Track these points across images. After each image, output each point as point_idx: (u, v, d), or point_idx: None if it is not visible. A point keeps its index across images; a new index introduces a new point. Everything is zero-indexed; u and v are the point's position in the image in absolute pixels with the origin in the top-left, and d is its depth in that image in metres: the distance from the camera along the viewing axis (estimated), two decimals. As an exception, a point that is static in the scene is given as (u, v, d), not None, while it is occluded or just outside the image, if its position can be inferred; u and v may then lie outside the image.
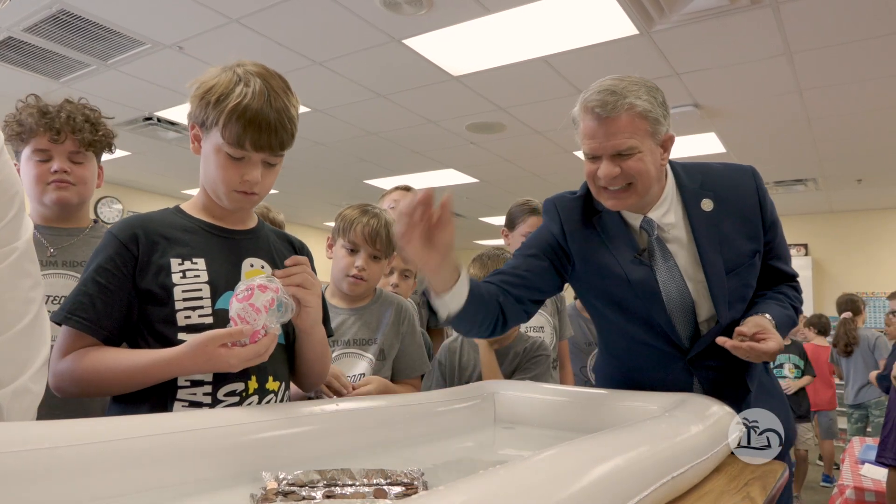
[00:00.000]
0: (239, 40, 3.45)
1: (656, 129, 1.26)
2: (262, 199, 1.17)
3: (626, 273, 1.35)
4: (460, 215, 8.43)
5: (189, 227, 1.13)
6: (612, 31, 3.27)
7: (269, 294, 0.97)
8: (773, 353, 1.22)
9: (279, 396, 1.14)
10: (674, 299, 1.34)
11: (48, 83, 4.12)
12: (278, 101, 1.07)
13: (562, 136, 5.06)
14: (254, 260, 1.16)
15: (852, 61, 3.54)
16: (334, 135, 5.15)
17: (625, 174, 1.25)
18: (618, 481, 0.73)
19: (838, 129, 4.72)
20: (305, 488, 0.76)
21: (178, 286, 1.05)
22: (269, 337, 0.99)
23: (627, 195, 1.29)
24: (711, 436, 1.06)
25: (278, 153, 1.11)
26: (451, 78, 3.94)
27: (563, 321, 2.23)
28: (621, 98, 1.22)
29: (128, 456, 0.76)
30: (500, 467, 0.65)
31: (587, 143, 1.28)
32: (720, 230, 1.33)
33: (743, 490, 1.01)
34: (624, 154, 1.24)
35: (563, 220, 1.43)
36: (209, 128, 1.08)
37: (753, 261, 1.35)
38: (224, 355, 0.96)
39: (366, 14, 3.16)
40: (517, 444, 1.33)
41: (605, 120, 1.23)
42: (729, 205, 1.35)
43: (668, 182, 1.37)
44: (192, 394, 1.03)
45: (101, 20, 3.27)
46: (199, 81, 1.09)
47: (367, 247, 1.52)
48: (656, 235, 1.35)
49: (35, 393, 0.81)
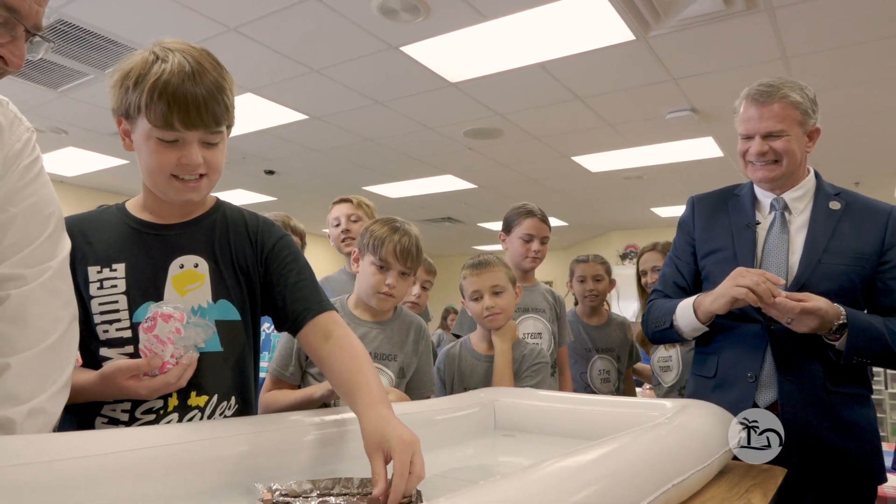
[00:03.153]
0: (237, 49, 3.46)
1: (805, 120, 1.47)
2: (213, 184, 1.05)
3: (733, 238, 1.51)
4: (458, 220, 8.43)
5: (117, 227, 1.06)
6: (608, 36, 3.27)
7: (174, 324, 0.92)
8: (812, 310, 1.27)
9: (207, 412, 1.05)
10: (771, 267, 1.44)
11: (46, 93, 4.13)
12: (204, 73, 0.97)
13: (559, 141, 5.07)
14: (185, 259, 1.06)
15: (848, 65, 3.55)
16: (332, 141, 5.15)
17: (773, 151, 1.45)
18: (618, 490, 0.73)
19: (835, 132, 4.73)
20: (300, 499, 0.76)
21: (95, 298, 1.01)
22: (180, 366, 0.95)
23: (773, 168, 1.47)
24: (712, 442, 1.06)
25: (214, 129, 0.99)
26: (449, 84, 3.95)
27: (562, 327, 2.23)
28: (777, 90, 1.45)
29: (121, 469, 0.76)
30: (501, 478, 0.65)
31: (744, 125, 1.50)
32: (838, 224, 1.45)
33: (744, 497, 1.01)
34: (774, 135, 1.45)
35: (696, 209, 1.65)
36: (134, 116, 0.98)
37: (860, 257, 1.41)
38: (133, 387, 0.93)
39: (363, 21, 3.17)
40: (517, 451, 1.32)
41: (762, 105, 1.45)
42: (855, 214, 1.47)
43: (808, 177, 1.54)
44: (112, 410, 1.00)
45: (99, 30, 3.28)
46: (116, 69, 0.99)
47: (397, 265, 1.50)
48: (781, 211, 1.50)
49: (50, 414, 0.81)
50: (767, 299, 1.28)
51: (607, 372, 2.61)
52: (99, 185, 6.65)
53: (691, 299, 1.47)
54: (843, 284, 1.39)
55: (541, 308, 2.09)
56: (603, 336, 2.63)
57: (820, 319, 1.28)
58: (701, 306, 1.43)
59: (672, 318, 1.50)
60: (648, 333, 1.63)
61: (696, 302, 1.45)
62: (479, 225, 8.67)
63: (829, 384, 1.38)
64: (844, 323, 1.31)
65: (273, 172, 6.10)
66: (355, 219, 2.35)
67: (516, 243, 2.20)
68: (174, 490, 0.80)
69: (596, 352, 2.61)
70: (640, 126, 4.61)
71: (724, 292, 1.35)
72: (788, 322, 1.31)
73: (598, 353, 2.61)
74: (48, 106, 4.41)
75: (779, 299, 1.27)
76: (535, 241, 2.18)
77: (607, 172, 5.91)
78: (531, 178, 6.22)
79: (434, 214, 8.14)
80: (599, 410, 1.35)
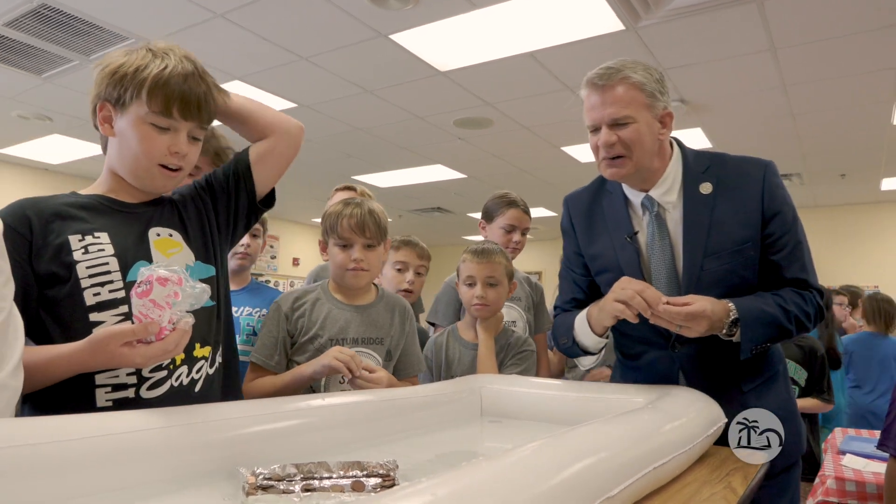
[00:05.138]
0: (224, 35, 3.43)
1: (653, 103, 1.32)
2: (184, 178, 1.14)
3: (616, 253, 1.41)
4: (448, 211, 8.43)
5: (86, 204, 1.08)
6: (598, 26, 3.28)
7: (171, 287, 0.87)
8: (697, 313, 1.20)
9: (210, 361, 1.12)
10: (661, 276, 1.37)
11: (30, 79, 4.07)
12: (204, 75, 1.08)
13: (549, 131, 5.07)
14: (160, 229, 1.12)
15: (836, 57, 3.57)
16: (321, 131, 5.13)
17: (621, 142, 1.32)
18: (599, 472, 0.74)
19: (822, 125, 4.77)
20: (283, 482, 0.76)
21: (81, 262, 1.00)
22: (178, 332, 0.90)
23: (623, 163, 1.34)
24: (694, 427, 1.07)
25: (204, 125, 1.10)
26: (438, 73, 3.94)
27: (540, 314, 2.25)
28: (617, 72, 1.31)
29: (103, 453, 0.76)
30: (483, 459, 0.66)
31: (589, 116, 1.35)
32: (712, 213, 1.35)
33: (724, 480, 1.03)
34: (620, 123, 1.31)
35: (571, 214, 1.54)
36: (127, 103, 1.04)
37: (742, 248, 1.33)
38: (128, 354, 0.88)
39: (352, 9, 3.15)
40: (503, 437, 1.34)
41: (603, 89, 1.32)
42: (728, 191, 1.36)
43: (672, 162, 1.41)
44: (114, 376, 0.99)
45: (83, 15, 3.23)
46: (103, 63, 1.07)
47: (358, 238, 1.52)
48: (656, 212, 1.39)
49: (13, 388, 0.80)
50: (645, 312, 1.22)
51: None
52: (85, 173, 6.58)
53: (583, 313, 1.41)
54: (733, 282, 1.33)
55: (516, 296, 2.09)
56: None
57: (708, 320, 1.22)
58: (591, 318, 1.38)
59: (573, 335, 1.44)
60: (560, 349, 1.56)
61: (588, 314, 1.39)
62: (468, 215, 8.68)
63: (742, 384, 1.36)
64: (737, 318, 1.26)
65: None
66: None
67: (497, 233, 2.20)
68: (157, 475, 0.80)
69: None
70: (630, 117, 4.62)
71: (604, 306, 1.30)
72: (679, 328, 1.24)
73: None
74: (32, 92, 4.35)
75: (660, 307, 1.21)
76: (516, 231, 2.19)
77: (597, 163, 5.93)
78: (521, 167, 6.22)
79: (424, 204, 8.14)
80: (585, 396, 1.36)
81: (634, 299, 1.22)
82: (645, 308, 1.21)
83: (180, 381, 1.06)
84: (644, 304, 1.21)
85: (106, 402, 1.00)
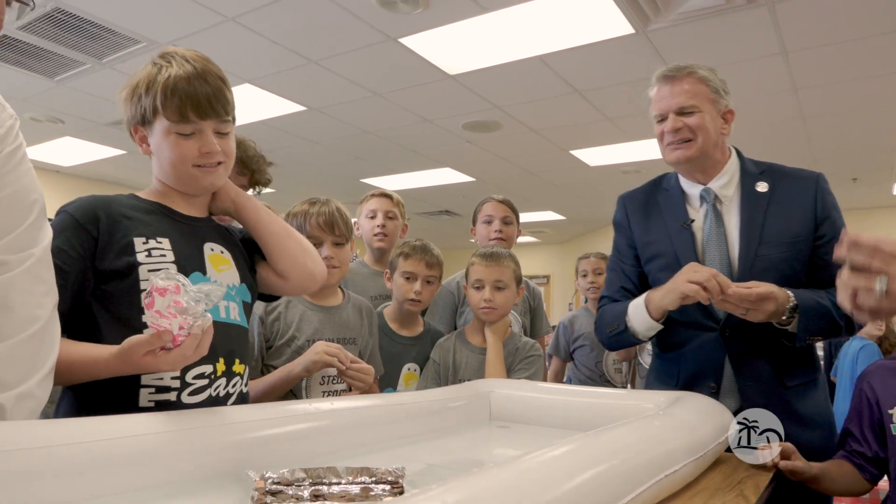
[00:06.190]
0: (234, 39, 3.44)
1: (717, 99, 1.46)
2: (229, 170, 1.16)
3: (672, 239, 1.49)
4: (456, 214, 8.43)
5: (149, 209, 1.12)
6: (608, 30, 3.27)
7: (169, 297, 0.88)
8: (766, 295, 1.27)
9: (244, 380, 1.15)
10: (714, 264, 1.43)
11: (43, 82, 4.11)
12: (207, 70, 1.08)
13: (558, 135, 5.06)
14: (213, 244, 1.15)
15: (848, 60, 3.54)
16: (330, 133, 5.14)
17: (687, 128, 1.43)
18: (610, 479, 0.73)
19: (833, 128, 4.73)
20: (292, 487, 0.76)
21: (144, 265, 1.03)
22: (192, 337, 0.90)
23: (689, 146, 1.44)
24: (706, 434, 1.06)
25: (224, 118, 1.10)
26: (448, 76, 3.94)
27: (538, 318, 2.24)
28: (686, 68, 1.46)
29: (115, 456, 0.76)
30: (493, 466, 0.65)
31: (657, 106, 1.48)
32: (767, 208, 1.44)
33: (736, 488, 1.02)
34: (687, 111, 1.43)
35: (627, 209, 1.62)
36: (150, 120, 1.08)
37: (795, 241, 1.41)
38: (151, 363, 0.91)
39: (362, 13, 3.16)
40: (512, 442, 1.33)
41: (673, 81, 1.46)
42: (783, 192, 1.45)
43: (731, 160, 1.52)
44: (159, 378, 1.01)
45: (96, 18, 3.26)
46: (124, 86, 1.11)
47: (327, 235, 1.52)
48: (713, 203, 1.48)
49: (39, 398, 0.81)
50: (717, 295, 1.27)
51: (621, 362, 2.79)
52: (96, 175, 6.63)
53: (642, 297, 1.45)
54: (785, 272, 1.39)
55: None
56: None
57: (775, 302, 1.28)
58: (652, 301, 1.41)
59: (626, 320, 1.47)
60: (603, 340, 1.60)
61: (647, 298, 1.43)
62: (477, 218, 8.65)
63: (785, 380, 1.40)
64: (796, 304, 1.31)
65: (271, 164, 6.08)
66: (392, 216, 2.28)
67: (480, 229, 2.32)
68: (167, 477, 0.81)
69: None
70: (639, 120, 4.60)
71: (674, 287, 1.33)
72: (744, 313, 1.29)
73: None
74: (45, 95, 4.39)
75: (731, 290, 1.27)
76: (495, 221, 2.28)
77: (605, 166, 5.91)
78: (529, 171, 6.21)
79: (432, 207, 8.14)
80: (595, 402, 1.35)
81: (710, 281, 1.27)
82: (718, 291, 1.27)
83: (218, 391, 1.08)
84: (717, 286, 1.26)
85: (148, 403, 1.01)
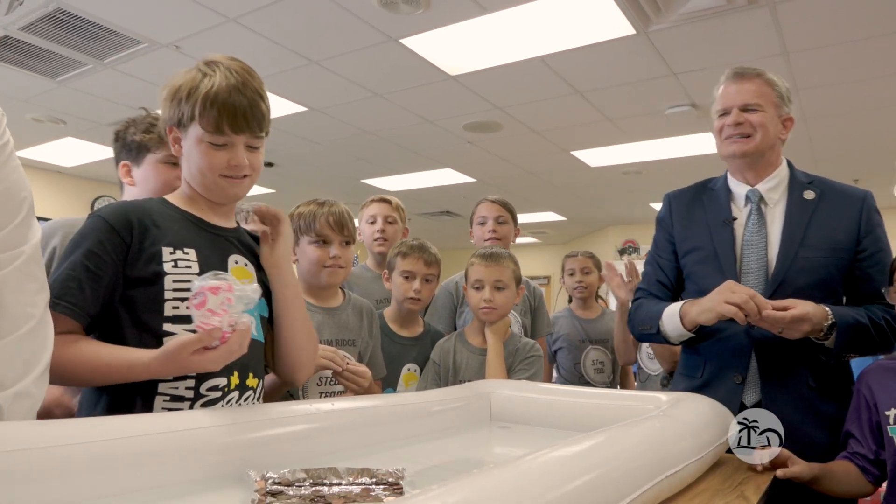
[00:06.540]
0: (235, 39, 3.45)
1: (780, 103, 1.51)
2: (254, 182, 1.17)
3: (712, 234, 1.52)
4: (457, 214, 8.43)
5: (178, 218, 1.12)
6: (609, 30, 3.27)
7: (223, 295, 0.93)
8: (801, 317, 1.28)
9: (257, 394, 1.15)
10: (751, 263, 1.46)
11: (45, 82, 4.11)
12: (247, 84, 1.09)
13: (559, 136, 5.06)
14: (238, 257, 1.17)
15: (849, 61, 3.54)
16: (331, 134, 5.14)
17: (749, 123, 1.48)
18: (611, 480, 0.73)
19: (834, 129, 4.72)
20: (293, 487, 0.76)
21: (170, 275, 1.04)
22: (238, 333, 0.96)
23: (748, 141, 1.48)
24: (706, 435, 1.06)
25: (258, 134, 1.12)
26: (449, 77, 3.94)
27: (539, 318, 2.24)
28: (755, 70, 1.52)
29: (117, 456, 0.76)
30: (493, 467, 0.65)
31: (721, 101, 1.53)
32: (813, 215, 1.47)
33: (737, 489, 1.02)
34: (750, 108, 1.48)
35: (672, 206, 1.66)
36: (186, 124, 1.09)
37: (836, 248, 1.43)
38: (199, 361, 0.94)
39: (362, 13, 3.16)
40: (512, 443, 1.33)
41: (741, 79, 1.52)
42: (830, 203, 1.48)
43: (782, 166, 1.56)
44: (174, 388, 1.02)
45: (97, 19, 3.26)
46: (166, 86, 1.12)
47: (337, 235, 1.51)
48: (757, 204, 1.51)
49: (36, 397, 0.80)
50: (754, 317, 1.29)
51: (601, 363, 2.66)
52: (97, 175, 6.64)
53: (677, 307, 1.47)
54: (822, 277, 1.41)
55: None
56: (596, 328, 2.69)
57: (809, 323, 1.29)
58: (687, 315, 1.43)
59: (659, 324, 1.50)
60: (635, 333, 1.64)
61: (682, 310, 1.45)
62: (477, 219, 8.65)
63: (810, 380, 1.41)
64: (833, 322, 1.32)
65: (272, 164, 6.09)
66: (392, 220, 2.30)
67: (476, 231, 2.35)
68: (167, 478, 0.81)
69: (590, 342, 2.65)
70: (640, 121, 4.60)
71: (711, 307, 1.34)
72: (780, 331, 1.31)
73: (592, 343, 2.66)
74: (47, 96, 4.39)
75: (766, 313, 1.28)
76: (489, 221, 2.31)
77: (606, 167, 5.91)
78: (530, 172, 6.21)
79: (433, 208, 8.14)
80: (596, 403, 1.35)
81: (748, 303, 1.28)
82: (756, 312, 1.28)
83: (230, 404, 1.08)
84: (755, 308, 1.28)
85: (161, 411, 1.02)
